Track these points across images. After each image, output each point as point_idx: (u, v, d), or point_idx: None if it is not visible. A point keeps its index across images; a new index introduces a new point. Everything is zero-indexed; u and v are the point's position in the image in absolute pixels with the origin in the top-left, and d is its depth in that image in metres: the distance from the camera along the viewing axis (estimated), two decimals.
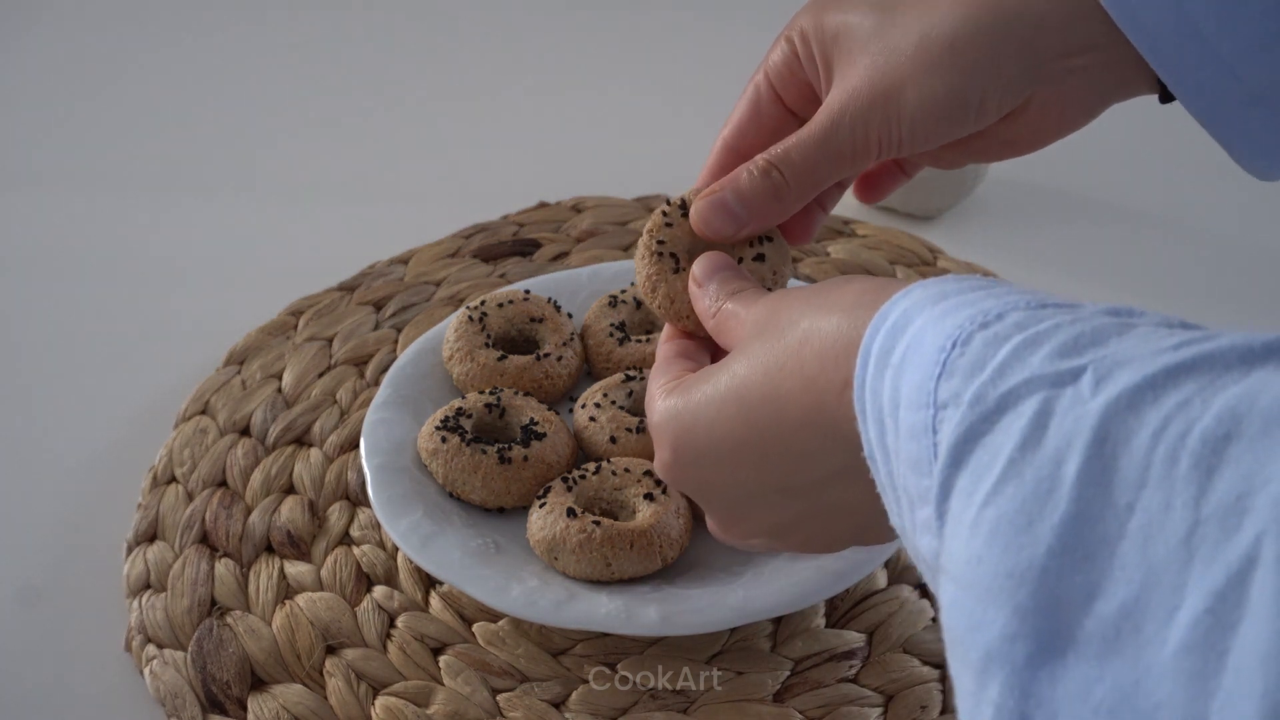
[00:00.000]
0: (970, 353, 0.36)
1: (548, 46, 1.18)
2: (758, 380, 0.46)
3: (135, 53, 1.17)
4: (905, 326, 0.39)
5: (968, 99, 0.52)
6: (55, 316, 0.88)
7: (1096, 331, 0.35)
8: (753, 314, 0.49)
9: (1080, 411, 0.33)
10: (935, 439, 0.36)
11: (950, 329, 0.37)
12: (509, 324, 0.76)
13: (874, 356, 0.40)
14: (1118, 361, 0.33)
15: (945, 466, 0.35)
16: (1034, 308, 0.37)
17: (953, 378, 0.36)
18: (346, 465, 0.73)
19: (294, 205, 0.98)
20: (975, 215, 0.95)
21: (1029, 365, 0.34)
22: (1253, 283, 0.89)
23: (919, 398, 0.37)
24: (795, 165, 0.54)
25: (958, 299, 0.38)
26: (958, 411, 0.35)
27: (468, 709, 0.61)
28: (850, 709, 0.61)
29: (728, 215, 0.55)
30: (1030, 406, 0.33)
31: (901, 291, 0.41)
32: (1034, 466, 0.33)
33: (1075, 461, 0.32)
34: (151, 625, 0.65)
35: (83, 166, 1.03)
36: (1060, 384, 0.33)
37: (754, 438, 0.47)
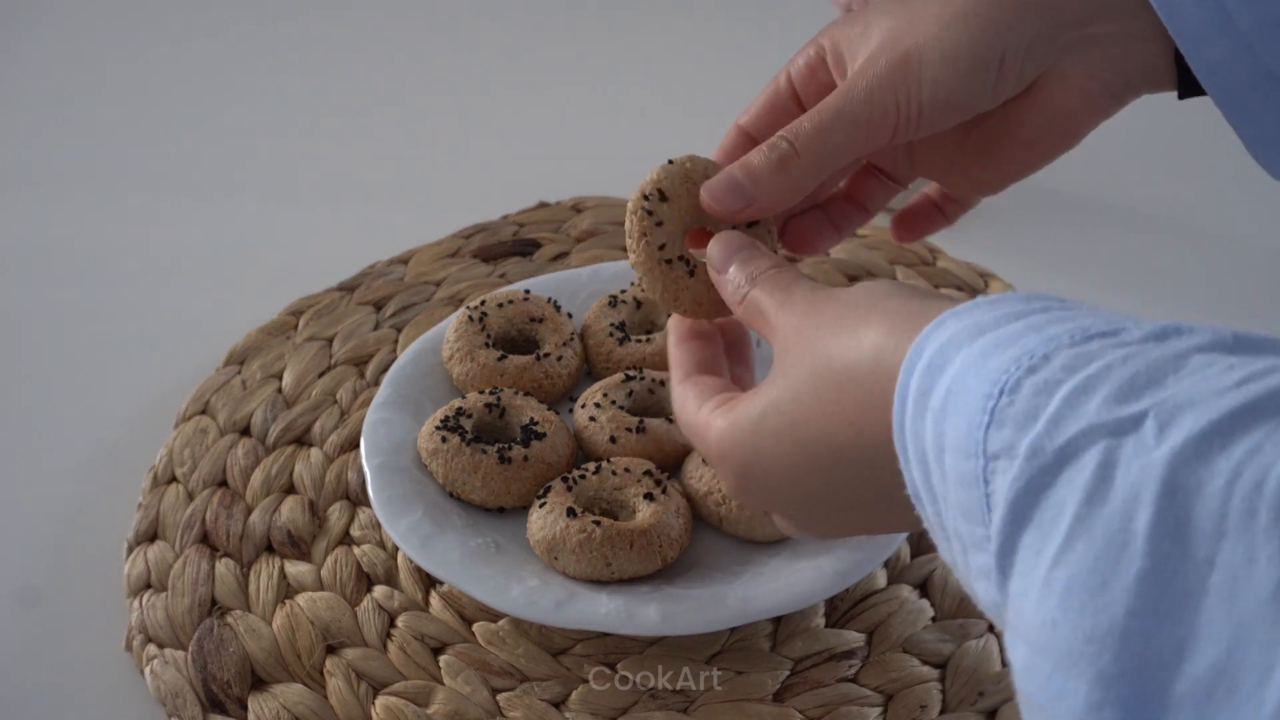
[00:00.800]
0: (1020, 401, 0.35)
1: (548, 46, 1.18)
2: (811, 421, 0.45)
3: (135, 53, 1.17)
4: (943, 366, 0.38)
5: (987, 56, 0.51)
6: (55, 316, 0.88)
7: (1151, 370, 0.33)
8: (784, 323, 0.48)
9: (1146, 461, 0.31)
10: (988, 490, 0.35)
11: (995, 373, 0.36)
12: (509, 324, 0.76)
13: (911, 398, 0.39)
14: (1179, 405, 0.32)
15: (1007, 522, 0.34)
16: (1079, 342, 0.35)
17: (1003, 427, 0.35)
18: (347, 465, 0.73)
19: (294, 205, 0.98)
20: (975, 215, 0.94)
21: (1085, 413, 0.33)
22: (1253, 283, 0.89)
23: (967, 446, 0.36)
24: (805, 135, 0.53)
25: (996, 334, 0.37)
26: (1013, 464, 0.34)
27: (468, 709, 0.61)
28: (850, 708, 0.61)
29: (735, 191, 0.54)
30: (1092, 458, 0.32)
31: (934, 323, 0.39)
32: (1103, 521, 0.31)
33: (1146, 515, 0.31)
34: (152, 625, 0.66)
35: (83, 166, 1.02)
36: (1121, 433, 0.32)
37: (815, 470, 0.46)
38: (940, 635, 0.64)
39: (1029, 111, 0.54)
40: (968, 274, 0.86)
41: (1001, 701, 0.61)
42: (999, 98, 0.53)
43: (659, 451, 0.69)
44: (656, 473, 0.67)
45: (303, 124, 1.08)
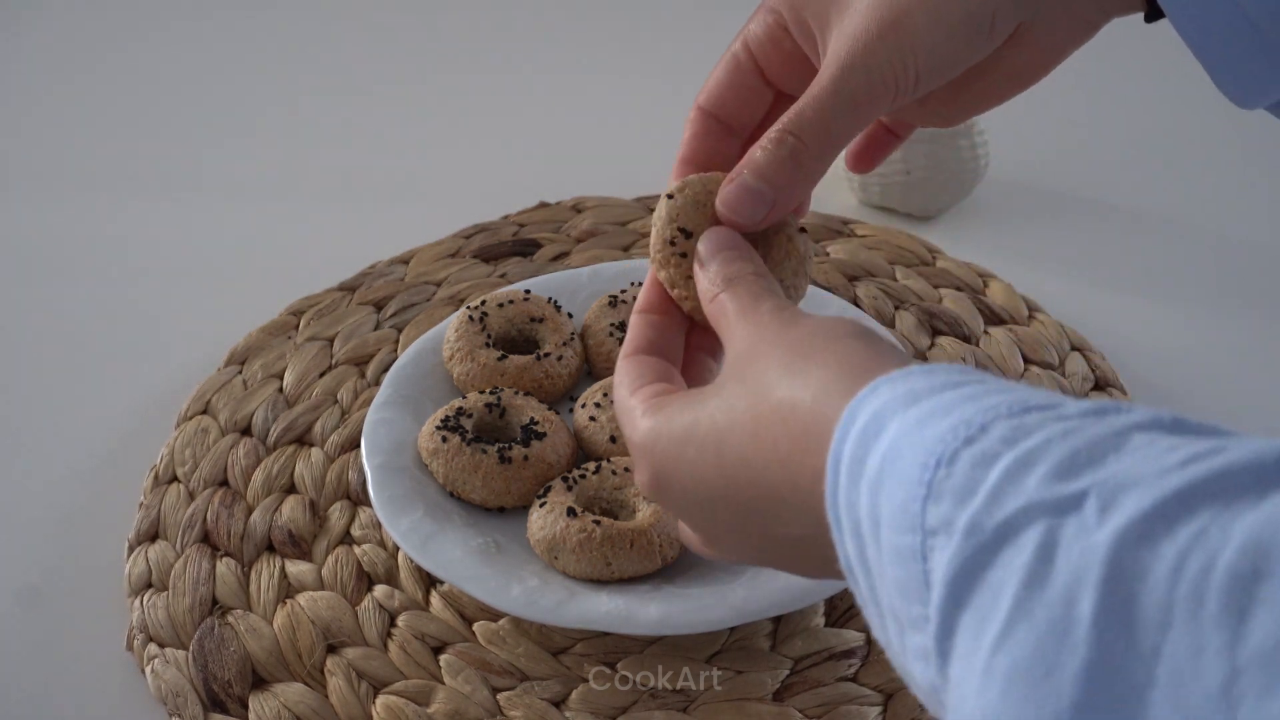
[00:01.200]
0: (957, 473, 0.33)
1: (548, 47, 1.18)
2: (736, 441, 0.44)
3: (135, 52, 1.17)
4: (878, 433, 0.36)
5: (980, 17, 0.50)
6: (55, 316, 0.88)
7: (1092, 447, 0.32)
8: (740, 334, 0.46)
9: (1087, 544, 0.30)
10: (926, 567, 0.33)
11: (931, 443, 0.34)
12: (509, 324, 0.76)
13: (845, 465, 0.37)
14: (1121, 485, 0.31)
15: (945, 603, 0.33)
16: (1016, 414, 0.34)
17: (941, 501, 0.33)
18: (347, 465, 0.73)
19: (294, 205, 0.98)
20: (974, 215, 0.95)
21: (1024, 490, 0.32)
22: (1253, 283, 0.89)
23: (904, 520, 0.34)
24: (810, 123, 0.50)
25: (931, 402, 0.36)
26: (951, 541, 0.33)
27: (468, 708, 0.61)
28: (850, 708, 0.61)
29: (753, 197, 0.51)
30: (1032, 539, 0.31)
31: (868, 388, 0.38)
32: (1044, 607, 0.30)
33: (1089, 601, 0.30)
34: (153, 624, 0.66)
35: (83, 166, 1.03)
36: (1062, 512, 0.31)
37: (731, 493, 0.45)
38: None
39: (1011, 51, 0.53)
40: (967, 274, 0.86)
41: None
42: (992, 47, 0.52)
43: None
44: None
45: (303, 124, 1.08)
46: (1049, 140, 1.00)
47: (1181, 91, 1.05)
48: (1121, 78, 1.05)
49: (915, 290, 0.85)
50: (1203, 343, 0.84)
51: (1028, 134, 0.97)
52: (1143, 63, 1.03)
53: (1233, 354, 0.83)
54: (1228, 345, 0.84)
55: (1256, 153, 0.99)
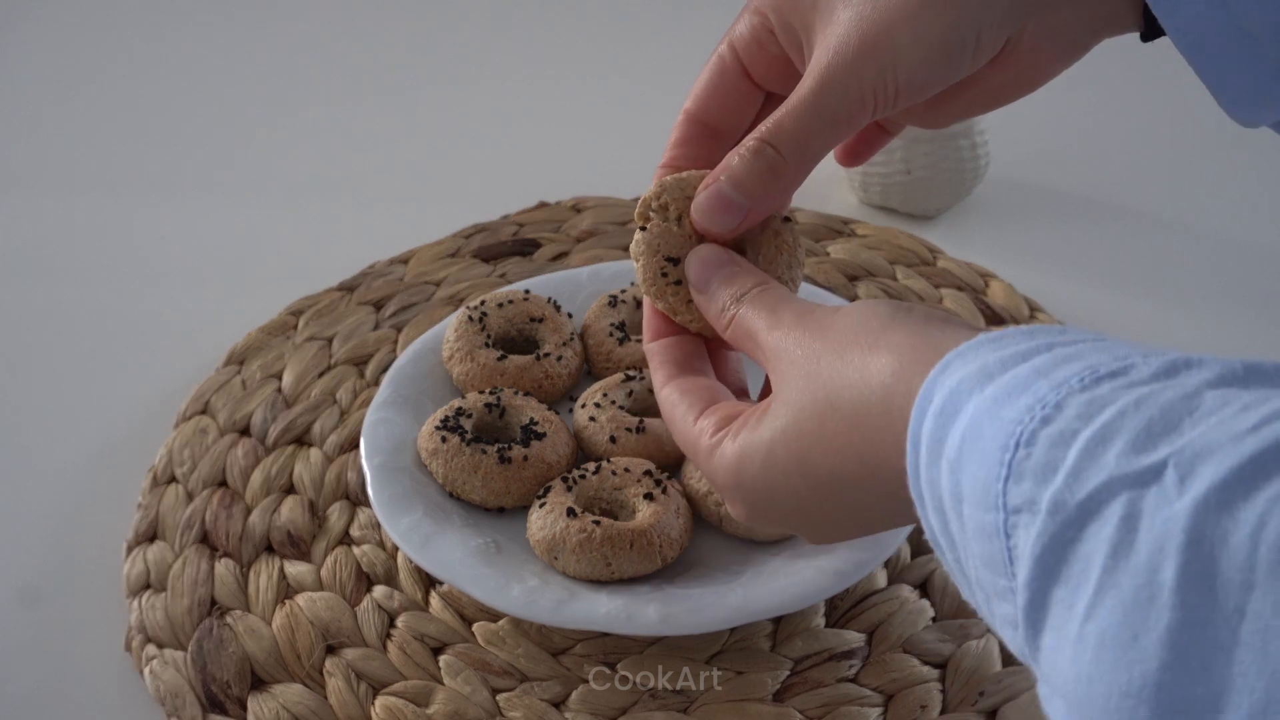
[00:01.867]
0: (1037, 453, 0.34)
1: (548, 46, 1.18)
2: (821, 457, 0.45)
3: (135, 52, 1.17)
4: (955, 413, 0.38)
5: (964, 36, 0.50)
6: (55, 316, 0.88)
7: (1166, 415, 0.33)
8: (780, 346, 0.47)
9: (1169, 513, 0.31)
10: (1009, 544, 0.35)
11: (1009, 424, 0.35)
12: (509, 324, 0.76)
13: (925, 445, 0.39)
14: (1198, 453, 0.32)
15: (1035, 577, 0.34)
16: (1089, 385, 0.35)
17: (1022, 481, 0.35)
18: (346, 465, 0.73)
19: (294, 205, 0.98)
20: (974, 215, 0.95)
21: (1104, 465, 0.33)
22: (1253, 283, 0.89)
23: (986, 499, 0.36)
24: (789, 136, 0.51)
25: (1005, 379, 0.37)
26: (1035, 519, 0.34)
27: (468, 709, 0.61)
28: (850, 709, 0.61)
29: (728, 207, 0.52)
30: (1115, 512, 0.32)
31: (939, 365, 0.39)
32: (1130, 575, 0.32)
33: (1172, 567, 0.31)
34: (151, 625, 0.65)
35: (83, 167, 1.03)
36: (1142, 484, 0.32)
37: (825, 500, 0.46)
38: (940, 635, 0.64)
39: (997, 70, 0.53)
40: (968, 274, 0.86)
41: (1002, 701, 0.61)
42: (975, 67, 0.52)
43: (659, 451, 0.69)
44: (656, 473, 0.67)
45: (303, 124, 1.08)
46: (1049, 140, 1.00)
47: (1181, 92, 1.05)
48: (1122, 78, 1.05)
49: (915, 290, 0.85)
50: (1203, 343, 0.84)
51: (1028, 134, 0.97)
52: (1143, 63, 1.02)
53: (1232, 354, 0.83)
54: (1228, 345, 0.84)
55: (1257, 153, 0.99)
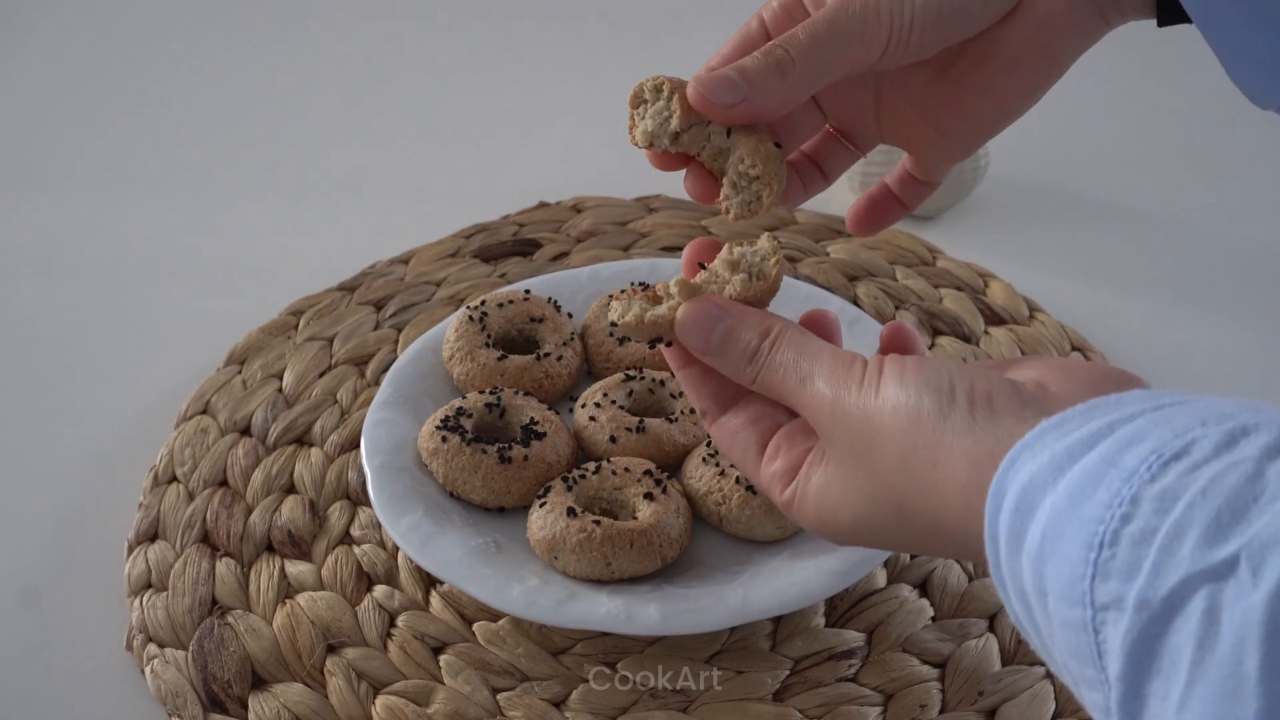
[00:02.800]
0: (1121, 554, 0.36)
1: (548, 47, 1.18)
2: (905, 538, 0.48)
3: (136, 53, 1.17)
4: (1031, 510, 0.39)
5: None
6: (56, 316, 0.88)
7: (1233, 504, 0.35)
8: (831, 431, 0.48)
9: (1246, 605, 0.33)
10: (1098, 638, 0.36)
11: (1090, 523, 0.37)
12: (509, 324, 0.76)
13: (1003, 540, 0.40)
14: (1265, 544, 0.34)
15: (1128, 671, 0.35)
16: (1157, 474, 0.37)
17: (1109, 579, 0.36)
18: (347, 465, 0.73)
19: (294, 205, 0.98)
20: (974, 215, 0.95)
21: (1181, 560, 0.35)
22: (1253, 283, 0.89)
23: (1072, 595, 0.37)
24: (801, 44, 0.51)
25: (1076, 472, 0.38)
26: (1123, 616, 0.36)
27: (468, 708, 0.61)
28: (850, 708, 0.61)
29: (728, 84, 0.52)
30: (1198, 606, 0.34)
31: (1007, 460, 0.40)
32: (1216, 666, 0.33)
33: (1254, 658, 0.33)
34: (152, 624, 0.66)
35: (84, 167, 1.03)
36: (1219, 577, 0.34)
37: (908, 546, 0.50)
38: (940, 635, 0.64)
39: (1011, 28, 0.54)
40: (967, 274, 0.86)
41: (1001, 701, 0.62)
42: (989, 16, 0.53)
43: (659, 451, 0.69)
44: (656, 472, 0.67)
45: (303, 124, 1.08)
46: (1049, 140, 1.00)
47: (1182, 92, 1.05)
48: (1122, 78, 1.05)
49: (915, 290, 0.85)
50: (1203, 343, 0.84)
51: (1028, 134, 0.97)
52: (1143, 63, 1.03)
53: (1233, 354, 0.83)
54: (1228, 345, 0.84)
55: (1257, 153, 0.99)
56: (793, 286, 0.77)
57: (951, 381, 0.44)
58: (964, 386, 0.44)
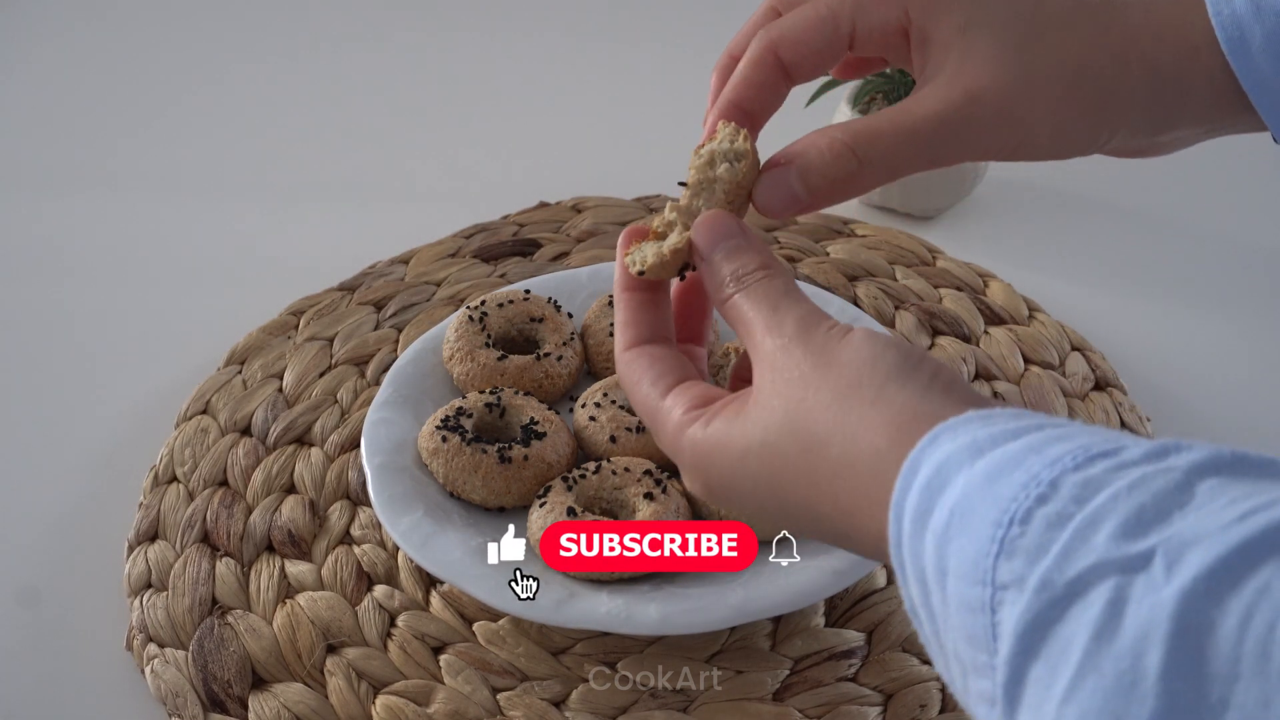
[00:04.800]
0: (1031, 533, 0.34)
1: (548, 47, 1.18)
2: (796, 487, 0.44)
3: (136, 53, 1.17)
4: (942, 486, 0.37)
5: (1096, 141, 0.50)
6: (56, 316, 0.88)
7: (1158, 502, 0.33)
8: (775, 359, 0.45)
9: (1155, 600, 0.31)
10: (994, 618, 0.35)
11: (1004, 500, 0.35)
12: (509, 324, 0.76)
13: (909, 516, 0.38)
14: (1185, 542, 0.32)
15: (1014, 654, 0.34)
16: (1082, 465, 0.35)
17: (1014, 558, 0.34)
18: (347, 465, 0.73)
19: (294, 205, 0.98)
20: (974, 215, 0.95)
21: (1094, 548, 0.33)
22: (1253, 283, 0.89)
23: (974, 573, 0.35)
24: (881, 155, 0.49)
25: (996, 455, 0.37)
26: (1022, 596, 0.34)
27: (468, 708, 0.61)
28: (850, 708, 0.61)
29: (791, 201, 0.50)
30: (1101, 595, 0.32)
31: (928, 438, 0.39)
32: (1113, 660, 0.31)
33: (1157, 654, 0.31)
34: (152, 624, 0.66)
35: (84, 166, 1.03)
36: (1130, 569, 0.32)
37: (788, 515, 0.45)
38: None
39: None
40: (967, 274, 0.86)
41: None
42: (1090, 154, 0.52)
43: (659, 451, 0.69)
44: (656, 472, 0.67)
45: (303, 124, 1.08)
46: None
47: None
48: None
49: (915, 290, 0.85)
50: (1203, 343, 0.84)
51: None
52: None
53: (1233, 354, 0.83)
54: (1228, 345, 0.84)
55: (1257, 153, 0.99)
56: None
57: (922, 356, 0.43)
58: (931, 364, 0.43)
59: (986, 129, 0.49)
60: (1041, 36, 0.49)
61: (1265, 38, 0.48)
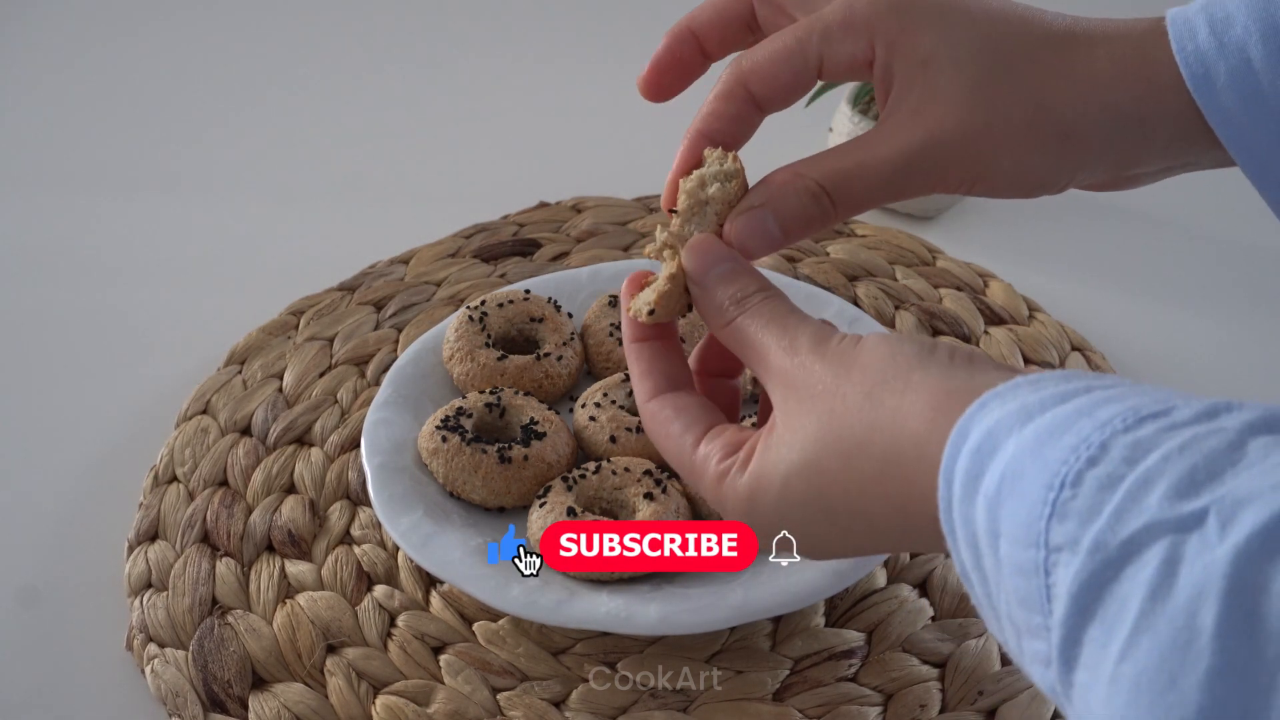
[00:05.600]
0: (1083, 495, 0.35)
1: (548, 47, 1.18)
2: (844, 495, 0.44)
3: (136, 52, 1.17)
4: (993, 450, 0.37)
5: (1058, 180, 0.51)
6: (56, 316, 0.88)
7: (1210, 463, 0.34)
8: (794, 375, 0.46)
9: (1210, 559, 0.32)
10: (1048, 580, 0.35)
11: (1054, 463, 0.36)
12: (509, 324, 0.76)
13: (959, 480, 0.38)
14: (1239, 501, 0.32)
15: (1070, 615, 0.34)
16: (1132, 426, 0.35)
17: (1066, 520, 0.35)
18: (347, 465, 0.73)
19: (294, 205, 0.98)
20: (974, 215, 0.95)
21: (1147, 508, 0.33)
22: (1253, 283, 0.89)
23: (1027, 536, 0.36)
24: (851, 195, 0.50)
25: (1046, 418, 0.37)
26: (1076, 558, 0.34)
27: (468, 708, 0.61)
28: (850, 708, 0.61)
29: (765, 240, 0.50)
30: (1156, 554, 0.33)
31: (976, 404, 0.39)
32: (1167, 618, 0.32)
33: (1212, 612, 0.31)
34: (153, 624, 0.66)
35: (84, 166, 1.03)
36: (1184, 529, 0.33)
37: (841, 532, 0.46)
38: (940, 635, 0.64)
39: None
40: (967, 274, 0.86)
41: (1001, 701, 0.62)
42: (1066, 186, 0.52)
43: (658, 451, 0.69)
44: (656, 472, 0.67)
45: (303, 124, 1.08)
46: None
47: None
48: None
49: (915, 290, 0.85)
50: (1203, 343, 0.84)
51: None
52: None
53: (1233, 354, 0.83)
54: (1228, 345, 0.84)
55: None
56: (793, 286, 0.77)
57: (935, 342, 0.44)
58: (946, 346, 0.43)
59: (948, 167, 0.50)
60: (1003, 73, 0.50)
61: (1229, 74, 0.49)
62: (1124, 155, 0.51)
